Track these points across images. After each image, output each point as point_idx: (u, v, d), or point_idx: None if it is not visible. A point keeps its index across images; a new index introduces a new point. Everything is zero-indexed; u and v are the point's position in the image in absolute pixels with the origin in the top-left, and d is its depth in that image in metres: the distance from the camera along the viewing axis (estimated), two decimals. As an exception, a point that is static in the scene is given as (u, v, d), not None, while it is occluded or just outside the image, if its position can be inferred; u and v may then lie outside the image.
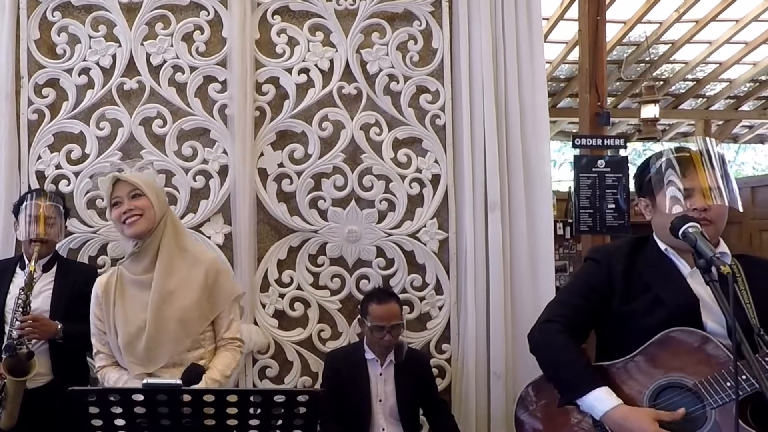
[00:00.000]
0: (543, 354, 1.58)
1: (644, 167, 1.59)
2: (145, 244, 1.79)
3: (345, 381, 2.32)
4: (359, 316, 2.42)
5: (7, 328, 2.09)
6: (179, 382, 1.10)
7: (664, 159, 1.51)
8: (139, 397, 1.03)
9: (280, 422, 1.06)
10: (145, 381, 1.09)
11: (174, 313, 1.73)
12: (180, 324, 1.73)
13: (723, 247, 1.54)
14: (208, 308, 1.81)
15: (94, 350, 1.87)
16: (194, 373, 1.51)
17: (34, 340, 2.10)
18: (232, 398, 1.04)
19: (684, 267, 1.56)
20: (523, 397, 1.67)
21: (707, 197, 1.46)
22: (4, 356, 2.02)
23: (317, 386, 2.67)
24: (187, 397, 1.04)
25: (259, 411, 1.04)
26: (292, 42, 2.75)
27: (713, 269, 1.28)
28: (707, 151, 1.49)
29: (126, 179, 1.82)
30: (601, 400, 1.45)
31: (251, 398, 1.07)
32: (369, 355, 2.35)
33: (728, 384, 1.36)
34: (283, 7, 2.75)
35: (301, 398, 1.06)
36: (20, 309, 2.05)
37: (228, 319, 1.86)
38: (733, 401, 1.31)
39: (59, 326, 2.14)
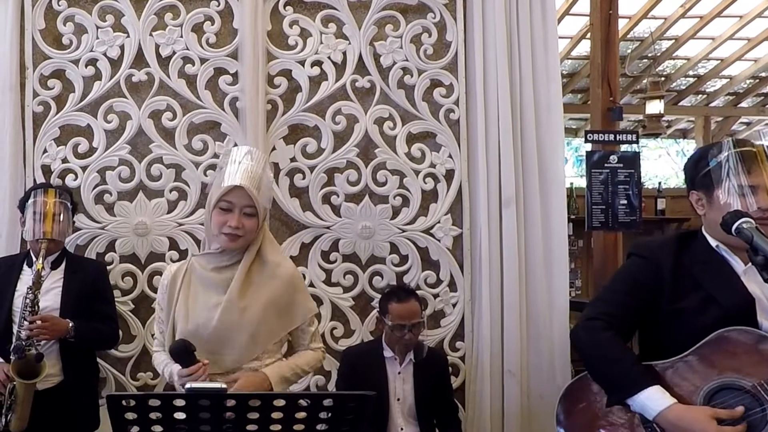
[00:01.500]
0: (588, 353, 1.53)
1: (699, 159, 1.54)
2: (227, 252, 1.70)
3: (362, 378, 2.28)
4: (377, 314, 2.37)
5: (15, 328, 2.03)
6: (224, 386, 1.05)
7: (726, 153, 1.46)
8: (181, 403, 0.98)
9: (325, 427, 1.01)
10: (188, 386, 1.04)
11: (243, 326, 1.65)
12: (250, 338, 1.66)
13: None
14: (279, 325, 1.72)
15: (155, 333, 1.85)
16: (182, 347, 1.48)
17: (43, 341, 2.04)
18: (279, 403, 0.99)
19: (738, 265, 1.52)
20: (565, 395, 1.62)
21: None
22: (12, 358, 1.95)
23: (330, 385, 2.63)
24: (231, 402, 0.99)
25: (305, 416, 1.00)
26: (304, 34, 2.69)
27: None
28: None
29: (250, 192, 1.64)
30: (654, 400, 1.40)
31: (298, 402, 1.02)
32: (388, 353, 2.30)
33: None
34: (295, -3, 2.70)
35: (350, 402, 1.01)
36: (28, 309, 1.98)
37: (310, 332, 1.79)
38: None
39: (70, 324, 2.08)
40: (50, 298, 2.12)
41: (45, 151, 2.54)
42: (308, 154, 2.67)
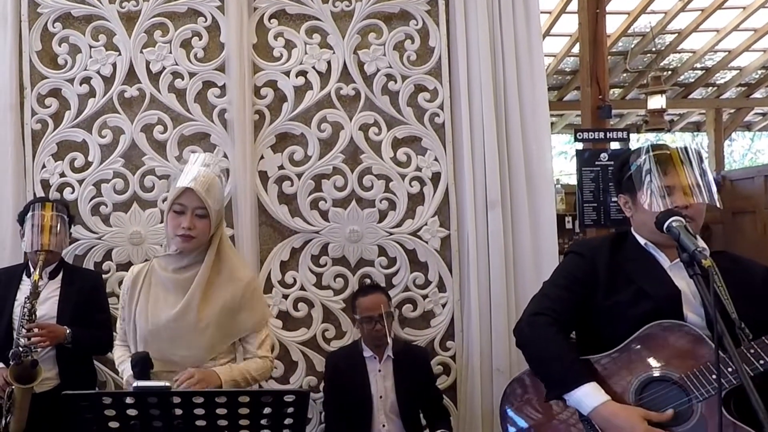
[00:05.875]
0: (531, 348, 1.58)
1: (623, 164, 1.61)
2: (185, 253, 1.80)
3: (345, 380, 2.35)
4: (352, 315, 2.44)
5: (15, 336, 2.14)
6: (168, 384, 1.13)
7: (643, 157, 1.54)
8: (131, 400, 1.06)
9: (269, 422, 1.08)
10: (135, 384, 1.12)
11: (199, 327, 1.74)
12: (206, 339, 1.75)
13: (700, 242, 1.55)
14: (234, 328, 1.81)
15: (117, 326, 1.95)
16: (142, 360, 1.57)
17: (40, 348, 2.14)
18: (221, 399, 1.07)
19: (664, 260, 1.58)
20: (509, 392, 1.67)
21: (688, 195, 1.48)
22: (11, 363, 2.06)
23: (321, 386, 2.69)
24: (177, 399, 1.07)
25: (248, 411, 1.07)
26: (289, 45, 2.77)
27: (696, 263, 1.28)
28: (686, 148, 1.52)
29: (199, 194, 1.75)
30: (589, 396, 1.45)
31: (239, 399, 1.09)
32: (367, 352, 2.36)
33: (714, 377, 1.36)
34: (279, 10, 2.77)
35: (288, 398, 1.08)
36: (26, 318, 2.09)
37: (260, 338, 1.85)
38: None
39: (67, 331, 2.18)
40: (47, 307, 2.23)
41: (44, 166, 2.66)
42: (295, 161, 2.74)
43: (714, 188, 1.50)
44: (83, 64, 2.69)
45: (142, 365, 1.54)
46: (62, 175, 2.67)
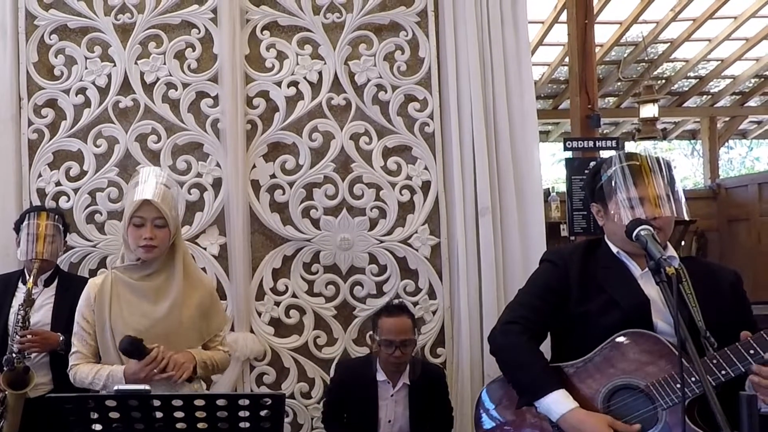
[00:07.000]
0: (503, 356, 1.61)
1: (595, 173, 1.64)
2: (148, 262, 1.85)
3: (351, 396, 2.29)
4: (371, 332, 2.35)
5: (9, 342, 2.18)
6: (148, 387, 1.17)
7: (614, 167, 1.56)
8: (112, 403, 1.10)
9: (247, 425, 1.12)
10: (116, 387, 1.16)
11: (180, 330, 1.84)
12: (185, 341, 1.85)
13: (671, 251, 1.58)
14: (205, 330, 1.94)
15: (72, 349, 1.88)
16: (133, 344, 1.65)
17: (34, 354, 2.18)
18: (200, 402, 1.10)
19: (636, 269, 1.61)
20: (483, 398, 1.70)
21: (656, 206, 1.51)
22: (4, 369, 2.10)
23: (314, 391, 2.72)
24: (157, 402, 1.11)
25: (226, 414, 1.11)
26: (281, 56, 2.82)
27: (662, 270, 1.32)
28: (656, 160, 1.54)
29: (157, 204, 1.82)
30: (557, 403, 1.48)
31: (217, 402, 1.13)
32: (381, 376, 2.27)
33: (678, 385, 1.39)
34: (272, 22, 2.82)
35: (264, 401, 1.12)
36: (20, 324, 2.13)
37: (221, 336, 2.02)
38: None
39: (61, 338, 2.22)
40: (42, 314, 2.27)
41: (40, 175, 2.71)
42: (287, 170, 2.79)
43: (682, 199, 1.53)
44: (79, 75, 2.74)
45: (133, 348, 1.61)
46: (58, 184, 2.71)
